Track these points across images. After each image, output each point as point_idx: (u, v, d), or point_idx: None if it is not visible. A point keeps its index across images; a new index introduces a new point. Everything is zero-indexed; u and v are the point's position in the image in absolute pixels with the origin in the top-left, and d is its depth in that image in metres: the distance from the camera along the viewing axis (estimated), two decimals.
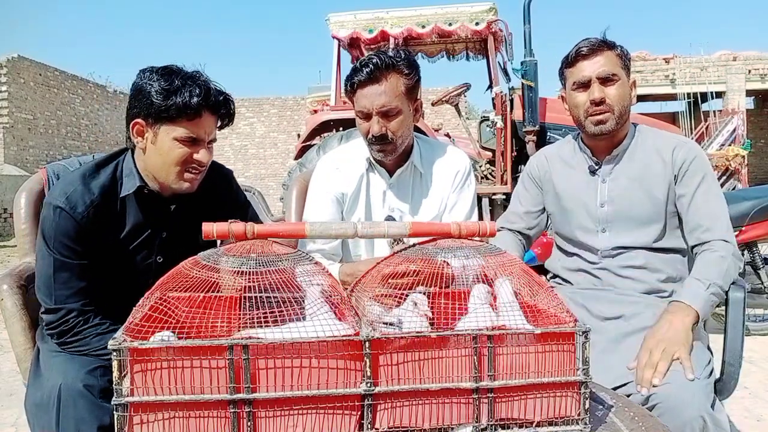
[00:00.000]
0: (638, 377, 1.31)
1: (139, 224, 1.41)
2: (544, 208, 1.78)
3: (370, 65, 1.54)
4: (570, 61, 1.59)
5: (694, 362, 1.32)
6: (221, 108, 1.37)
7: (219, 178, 1.56)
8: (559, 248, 1.76)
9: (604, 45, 1.56)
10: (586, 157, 1.66)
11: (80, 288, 1.32)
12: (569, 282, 1.69)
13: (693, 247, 1.53)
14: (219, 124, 1.39)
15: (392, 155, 1.65)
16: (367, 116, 1.58)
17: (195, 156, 1.34)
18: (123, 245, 1.39)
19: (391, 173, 1.71)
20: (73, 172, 1.40)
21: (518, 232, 1.78)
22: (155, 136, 1.33)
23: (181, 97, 1.28)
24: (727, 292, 1.47)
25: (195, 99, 1.29)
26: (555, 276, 1.78)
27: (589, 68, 1.55)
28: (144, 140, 1.35)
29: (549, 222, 1.82)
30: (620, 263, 1.58)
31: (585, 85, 1.57)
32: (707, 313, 1.40)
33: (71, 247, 1.31)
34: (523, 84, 5.45)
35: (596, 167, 1.64)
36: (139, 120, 1.33)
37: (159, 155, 1.34)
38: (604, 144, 1.61)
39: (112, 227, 1.37)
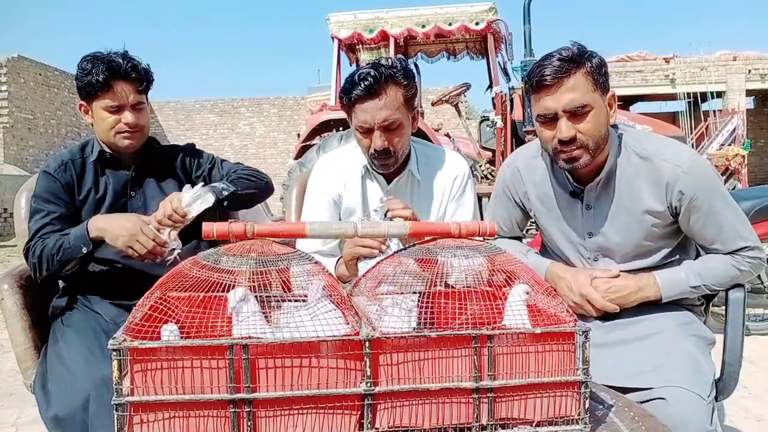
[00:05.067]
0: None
1: (107, 184, 1.66)
2: (526, 214, 1.64)
3: (369, 79, 1.49)
4: (533, 88, 1.35)
5: (698, 378, 1.27)
6: (131, 73, 1.58)
7: (179, 150, 1.80)
8: (549, 249, 1.65)
9: (571, 65, 1.30)
10: (566, 179, 1.47)
11: (53, 219, 1.55)
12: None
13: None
14: (140, 87, 1.61)
15: (393, 167, 1.64)
16: (368, 131, 1.55)
17: (123, 121, 1.59)
18: (96, 202, 1.63)
19: (388, 181, 1.70)
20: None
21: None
22: (92, 111, 1.62)
23: (92, 76, 1.54)
24: (727, 292, 1.46)
25: (101, 75, 1.54)
26: None
27: (554, 102, 1.31)
28: (90, 116, 1.64)
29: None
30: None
31: (552, 119, 1.34)
32: (673, 298, 1.44)
33: (50, 200, 1.57)
34: (523, 82, 5.45)
35: (578, 191, 1.46)
36: (82, 102, 1.64)
37: (99, 126, 1.62)
38: (584, 170, 1.40)
39: (84, 185, 1.63)
